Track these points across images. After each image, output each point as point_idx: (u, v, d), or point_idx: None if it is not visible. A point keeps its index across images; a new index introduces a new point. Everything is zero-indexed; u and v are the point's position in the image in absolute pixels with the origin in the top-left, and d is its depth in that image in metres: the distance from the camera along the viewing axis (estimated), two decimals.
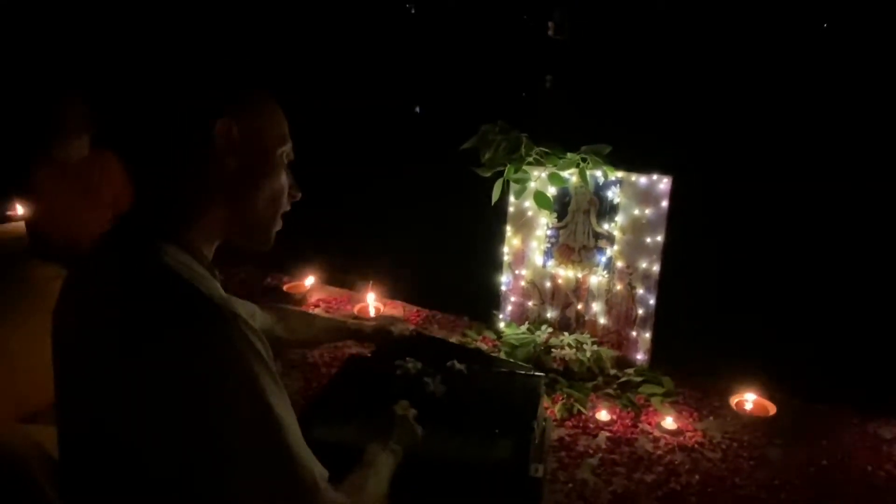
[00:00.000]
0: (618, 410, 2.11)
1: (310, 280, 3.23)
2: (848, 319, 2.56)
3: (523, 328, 2.55)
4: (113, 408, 0.75)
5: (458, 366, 1.69)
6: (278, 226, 0.98)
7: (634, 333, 2.34)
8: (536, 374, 1.72)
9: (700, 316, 2.56)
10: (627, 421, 2.05)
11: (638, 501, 1.68)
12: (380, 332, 1.71)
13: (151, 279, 0.76)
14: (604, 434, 1.98)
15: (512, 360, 2.12)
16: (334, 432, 1.46)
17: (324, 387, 1.68)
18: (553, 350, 2.32)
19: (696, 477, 1.78)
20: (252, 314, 1.38)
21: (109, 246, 0.83)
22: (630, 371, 2.30)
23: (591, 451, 1.89)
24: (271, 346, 0.82)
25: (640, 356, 2.35)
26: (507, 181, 2.40)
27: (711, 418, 2.09)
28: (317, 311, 2.98)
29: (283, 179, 0.94)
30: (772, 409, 2.10)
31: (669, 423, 2.02)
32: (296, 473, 0.78)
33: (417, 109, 5.24)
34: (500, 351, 2.44)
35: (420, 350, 1.77)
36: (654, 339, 2.34)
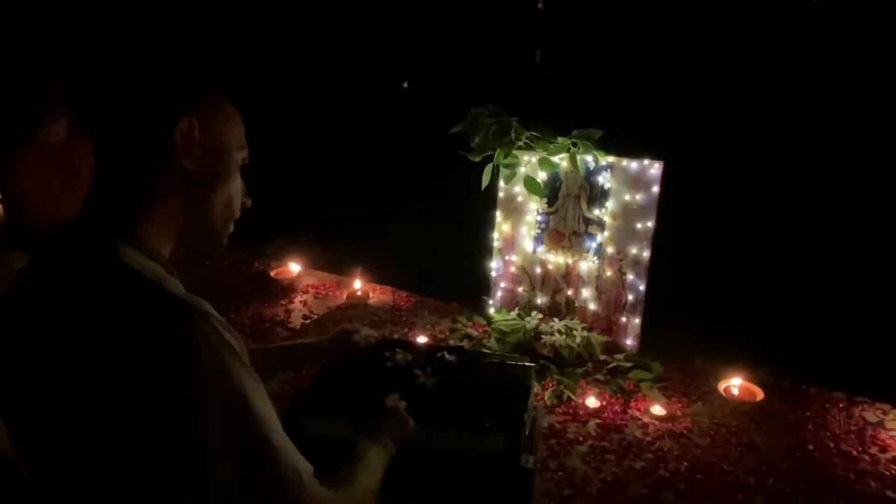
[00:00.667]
0: (607, 397, 2.12)
1: (295, 267, 3.20)
2: (835, 305, 2.57)
3: (513, 314, 2.54)
4: (80, 411, 0.73)
5: (448, 356, 1.68)
6: (230, 230, 0.96)
7: (624, 319, 2.35)
8: (526, 363, 1.72)
9: (689, 301, 2.57)
10: (617, 407, 2.06)
11: (627, 489, 1.69)
12: (340, 344, 1.55)
13: (115, 280, 0.74)
14: (593, 421, 1.98)
15: (500, 353, 2.11)
16: (324, 426, 1.44)
17: (313, 379, 1.66)
18: (543, 336, 2.32)
19: (685, 463, 1.80)
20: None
21: (65, 245, 0.80)
22: (620, 356, 2.31)
23: (580, 439, 1.90)
24: None
25: (629, 341, 2.36)
26: (497, 166, 2.37)
27: (700, 403, 2.11)
28: (306, 297, 2.95)
29: (238, 184, 0.92)
30: (759, 393, 2.12)
31: (658, 409, 2.03)
32: (278, 468, 0.76)
33: (405, 85, 5.16)
34: (490, 337, 2.44)
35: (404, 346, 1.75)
36: (644, 325, 2.35)
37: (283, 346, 1.58)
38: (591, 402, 2.07)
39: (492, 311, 2.62)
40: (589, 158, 2.28)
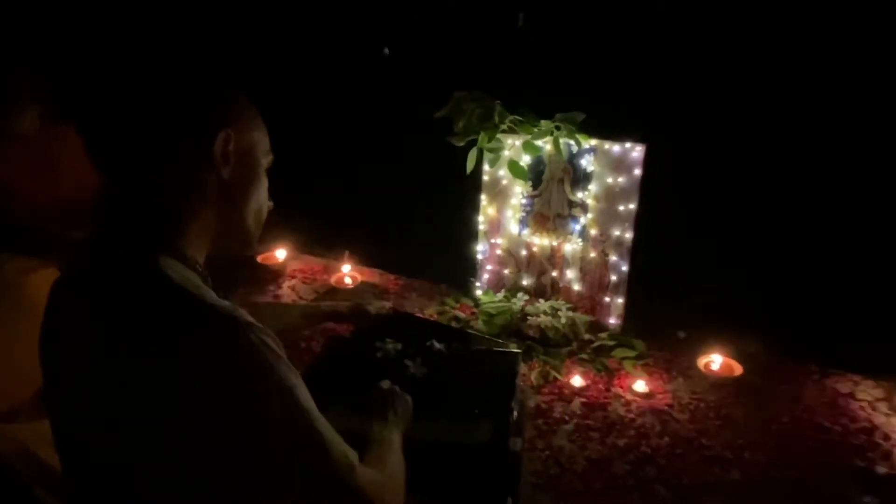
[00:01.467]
0: (592, 375, 2.18)
1: (281, 252, 3.21)
2: (812, 282, 2.65)
3: (500, 296, 2.59)
4: (131, 426, 0.75)
5: (437, 345, 1.72)
6: (259, 233, 0.99)
7: (608, 299, 2.40)
8: (513, 350, 1.77)
9: (670, 281, 2.63)
10: (601, 385, 2.13)
11: (611, 466, 1.77)
12: (356, 311, 1.73)
13: (161, 294, 0.76)
14: (578, 400, 2.05)
15: (488, 335, 2.16)
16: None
17: (305, 369, 1.70)
18: (529, 318, 2.37)
19: (666, 439, 1.88)
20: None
21: (103, 259, 0.82)
22: (603, 335, 2.37)
23: (566, 418, 1.97)
24: None
25: (612, 320, 2.42)
26: (481, 149, 2.38)
27: (681, 379, 2.19)
28: (293, 282, 2.98)
29: (266, 189, 0.95)
30: (738, 369, 2.20)
31: (641, 385, 2.11)
32: (331, 459, 0.80)
33: (385, 51, 5.06)
34: (478, 319, 2.49)
35: (398, 328, 1.80)
36: (627, 304, 2.41)
37: (311, 307, 1.65)
38: (577, 381, 2.14)
39: (479, 292, 2.66)
40: (572, 142, 2.30)
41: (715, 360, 2.23)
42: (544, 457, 1.80)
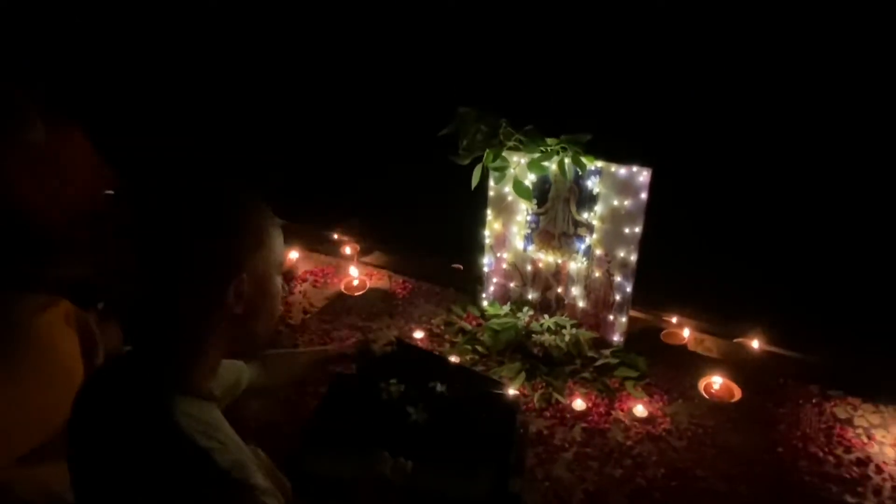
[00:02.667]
0: (593, 397, 2.23)
1: (293, 254, 3.26)
2: (813, 303, 2.67)
3: (506, 308, 2.62)
4: None
5: (439, 388, 1.78)
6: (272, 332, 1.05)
7: (611, 317, 2.43)
8: (511, 394, 1.83)
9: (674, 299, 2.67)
10: (602, 409, 2.19)
11: (608, 498, 1.84)
12: (361, 352, 1.80)
13: (170, 446, 0.82)
14: (579, 425, 2.11)
15: (489, 375, 2.22)
16: (324, 465, 1.57)
17: (314, 413, 1.77)
18: (534, 335, 2.42)
19: (662, 470, 1.94)
20: (238, 378, 1.43)
21: (120, 392, 0.88)
22: (606, 352, 2.41)
23: (566, 445, 2.03)
24: (259, 395, 0.92)
25: (616, 338, 2.45)
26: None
27: (681, 401, 2.23)
28: (304, 286, 3.03)
29: (279, 289, 1.00)
30: (737, 392, 2.24)
31: (640, 410, 2.15)
32: None
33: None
34: (483, 332, 2.53)
35: (402, 365, 1.85)
36: (630, 322, 2.43)
37: (318, 353, 1.75)
38: (578, 404, 2.19)
39: (485, 303, 2.70)
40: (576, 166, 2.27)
41: (715, 382, 2.27)
42: (544, 489, 1.87)
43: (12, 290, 2.05)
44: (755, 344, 2.57)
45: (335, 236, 3.62)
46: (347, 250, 3.29)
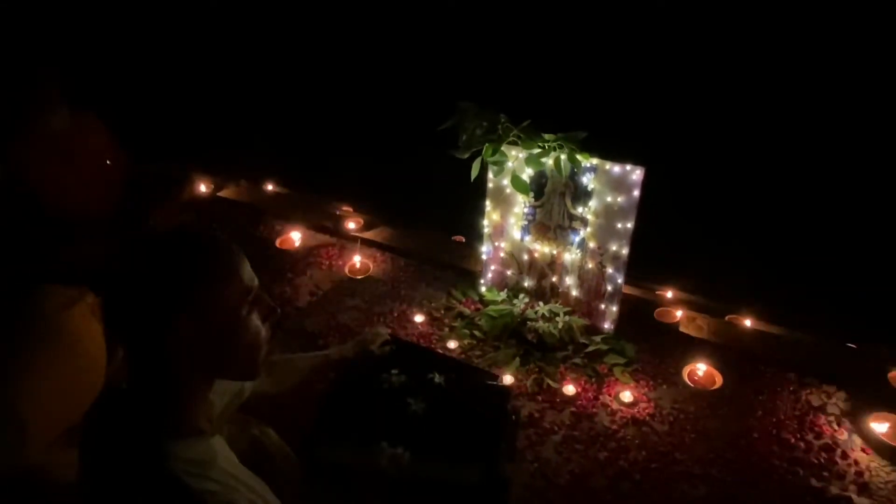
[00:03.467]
0: (583, 382, 2.37)
1: (296, 234, 3.37)
2: (796, 295, 2.79)
3: (503, 294, 2.74)
4: None
5: (437, 379, 1.91)
6: (263, 352, 1.11)
7: (603, 306, 2.54)
8: (503, 385, 1.96)
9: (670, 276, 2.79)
10: (591, 393, 2.33)
11: (591, 479, 2.00)
12: (362, 352, 1.90)
13: (166, 494, 0.91)
14: (568, 409, 2.26)
15: (482, 367, 2.36)
16: (335, 453, 1.72)
17: (322, 403, 1.90)
18: (529, 322, 2.54)
19: (643, 453, 2.09)
20: (242, 385, 1.51)
21: (120, 438, 0.96)
22: (597, 339, 2.54)
23: (556, 428, 2.18)
24: (262, 404, 1.01)
25: (607, 325, 2.57)
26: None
27: (665, 387, 2.37)
28: (311, 270, 3.15)
29: (254, 323, 1.01)
30: (719, 379, 2.37)
31: (627, 395, 2.30)
32: None
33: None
34: (481, 318, 2.65)
35: (401, 359, 1.98)
36: (620, 311, 2.55)
37: (319, 357, 1.81)
38: (569, 389, 2.33)
39: (483, 289, 2.82)
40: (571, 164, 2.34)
41: (699, 369, 2.40)
42: (532, 469, 2.03)
43: (41, 282, 2.18)
44: (747, 322, 2.72)
45: (339, 209, 3.75)
46: (351, 225, 3.41)
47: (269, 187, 4.00)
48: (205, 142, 4.67)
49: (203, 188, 3.91)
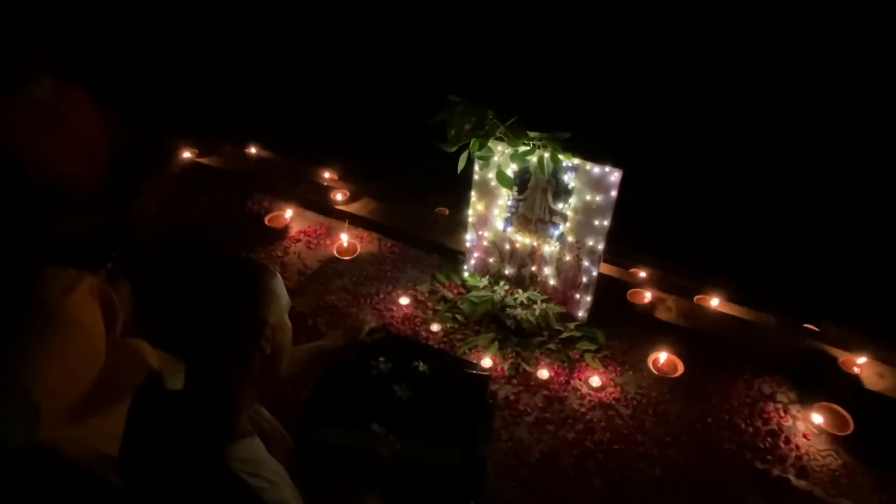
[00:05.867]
0: (556, 367, 2.55)
1: (287, 212, 3.45)
2: (764, 274, 2.98)
3: (485, 280, 2.89)
4: None
5: (421, 367, 2.06)
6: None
7: (578, 296, 2.70)
8: (483, 372, 2.11)
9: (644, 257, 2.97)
10: (563, 378, 2.51)
11: (560, 459, 2.19)
12: (352, 342, 2.00)
13: (230, 492, 1.03)
14: (542, 392, 2.44)
15: (462, 351, 2.52)
16: (327, 433, 1.87)
17: (315, 387, 2.04)
18: (508, 309, 2.70)
19: (608, 435, 2.28)
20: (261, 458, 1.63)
21: (179, 439, 1.08)
22: (571, 326, 2.71)
23: (529, 410, 2.36)
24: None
25: (580, 313, 2.74)
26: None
27: (631, 373, 2.56)
28: (299, 247, 3.25)
29: (289, 325, 1.17)
30: (680, 367, 2.56)
31: (596, 380, 2.48)
32: None
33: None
34: (463, 303, 2.80)
35: (388, 348, 2.12)
36: (594, 301, 2.72)
37: (313, 348, 1.89)
38: (543, 373, 2.50)
39: (466, 274, 2.96)
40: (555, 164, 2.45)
41: (662, 357, 2.59)
42: (506, 448, 2.22)
43: (38, 261, 2.24)
44: (714, 302, 2.92)
45: (325, 175, 3.83)
46: (338, 196, 3.50)
47: (253, 150, 4.06)
48: (187, 104, 4.66)
49: (187, 154, 3.94)
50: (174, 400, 1.13)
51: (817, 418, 2.35)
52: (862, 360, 2.55)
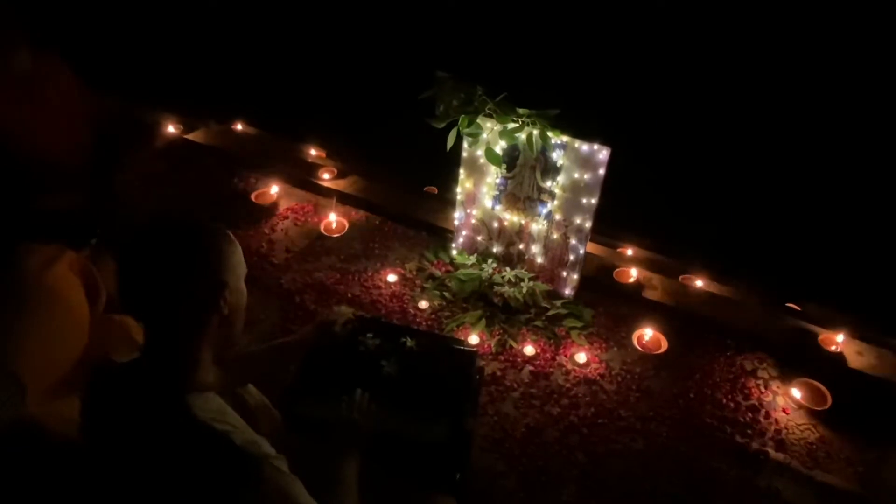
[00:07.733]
0: (542, 344, 2.58)
1: (274, 189, 3.42)
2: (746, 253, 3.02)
3: (473, 258, 2.89)
4: None
5: (409, 343, 2.07)
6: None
7: (565, 273, 2.72)
8: (470, 348, 2.13)
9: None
10: (549, 354, 2.54)
11: (545, 433, 2.23)
12: (323, 332, 1.93)
13: (196, 436, 1.05)
14: (528, 368, 2.47)
15: (450, 328, 2.53)
16: (312, 409, 1.88)
17: (301, 363, 2.04)
18: (495, 286, 2.71)
19: (592, 410, 2.32)
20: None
21: (142, 399, 1.09)
22: (558, 303, 2.73)
23: (515, 386, 2.39)
24: (234, 402, 1.19)
25: (567, 291, 2.76)
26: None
27: (616, 349, 2.59)
28: (286, 224, 3.23)
29: (245, 291, 1.19)
30: (664, 343, 2.60)
31: (581, 357, 2.51)
32: None
33: None
34: (451, 280, 2.81)
35: (373, 328, 2.11)
36: (581, 279, 2.74)
37: (277, 346, 1.84)
38: (529, 350, 2.53)
39: (454, 252, 2.96)
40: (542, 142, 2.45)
41: (647, 334, 2.63)
42: (492, 422, 2.25)
43: (20, 237, 2.21)
44: (699, 283, 2.96)
45: (312, 151, 3.81)
46: (326, 175, 3.48)
47: (239, 127, 4.01)
48: (172, 79, 4.58)
49: (171, 129, 3.88)
50: (132, 365, 1.14)
51: (796, 393, 2.40)
52: (841, 338, 2.60)
